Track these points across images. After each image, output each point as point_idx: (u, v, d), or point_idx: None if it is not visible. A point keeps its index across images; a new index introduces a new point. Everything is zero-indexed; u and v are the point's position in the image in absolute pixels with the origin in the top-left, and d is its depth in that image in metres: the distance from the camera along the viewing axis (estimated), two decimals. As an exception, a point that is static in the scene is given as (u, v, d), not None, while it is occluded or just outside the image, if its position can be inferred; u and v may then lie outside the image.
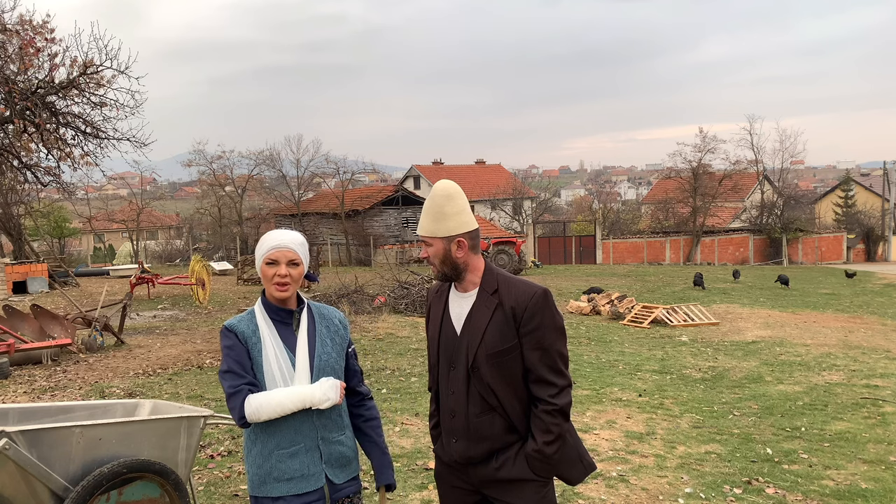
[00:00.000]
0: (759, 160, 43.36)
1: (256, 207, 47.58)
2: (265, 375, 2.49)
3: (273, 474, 2.49)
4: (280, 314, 2.58)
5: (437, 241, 2.54)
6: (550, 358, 2.47)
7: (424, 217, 2.58)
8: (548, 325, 2.48)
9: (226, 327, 2.55)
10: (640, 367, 9.42)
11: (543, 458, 2.44)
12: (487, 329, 2.48)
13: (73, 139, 17.17)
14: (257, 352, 2.51)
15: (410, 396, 7.57)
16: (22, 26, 16.15)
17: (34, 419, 3.79)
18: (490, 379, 2.47)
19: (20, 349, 9.38)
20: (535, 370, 2.46)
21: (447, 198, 2.55)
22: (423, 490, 4.86)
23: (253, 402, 2.43)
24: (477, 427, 2.50)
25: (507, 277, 2.57)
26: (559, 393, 2.46)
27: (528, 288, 2.51)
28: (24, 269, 21.57)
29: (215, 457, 5.65)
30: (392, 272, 19.17)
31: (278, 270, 2.52)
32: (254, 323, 2.55)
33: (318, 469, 2.53)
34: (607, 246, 40.53)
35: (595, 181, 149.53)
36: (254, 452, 2.53)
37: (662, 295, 19.06)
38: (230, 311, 16.39)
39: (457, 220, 2.53)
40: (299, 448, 2.51)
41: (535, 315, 2.46)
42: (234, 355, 2.49)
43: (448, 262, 2.54)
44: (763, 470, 5.32)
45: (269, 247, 2.55)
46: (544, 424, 2.44)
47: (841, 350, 10.58)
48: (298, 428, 2.51)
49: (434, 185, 2.60)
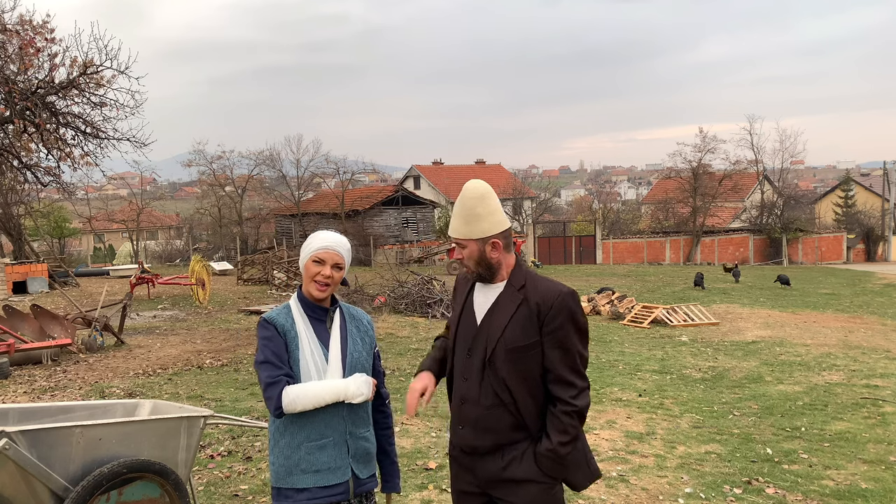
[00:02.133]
0: (759, 160, 43.37)
1: (256, 207, 47.58)
2: (300, 369, 2.55)
3: (301, 465, 2.54)
4: (316, 311, 2.65)
5: (470, 244, 2.52)
6: (571, 358, 2.46)
7: (456, 219, 2.55)
8: (572, 325, 2.47)
9: (265, 319, 2.60)
10: (640, 367, 9.41)
11: (556, 459, 2.43)
12: (509, 324, 2.47)
13: (73, 139, 17.16)
14: (294, 345, 2.57)
15: (410, 396, 7.56)
16: (22, 26, 16.14)
17: (34, 419, 3.79)
18: (505, 373, 2.45)
19: (20, 349, 9.38)
20: (556, 370, 2.45)
21: (479, 199, 2.52)
22: (423, 490, 4.87)
23: (291, 393, 2.48)
24: (486, 419, 2.48)
25: (535, 275, 2.57)
26: (579, 394, 2.45)
27: (554, 287, 2.51)
28: (24, 270, 21.57)
29: (215, 457, 5.65)
30: (392, 272, 19.17)
31: (323, 270, 2.58)
32: (291, 317, 2.61)
33: (345, 462, 2.59)
34: (607, 246, 40.52)
35: (595, 181, 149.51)
36: (282, 444, 2.57)
37: (662, 295, 19.06)
38: (230, 311, 16.39)
39: (490, 221, 2.51)
40: (328, 441, 2.56)
41: (559, 314, 2.45)
42: (273, 347, 2.54)
43: (483, 263, 2.53)
44: (763, 470, 5.32)
45: (318, 246, 2.61)
46: (562, 425, 2.43)
47: (841, 350, 10.58)
48: (328, 421, 2.56)
49: (465, 186, 2.57)
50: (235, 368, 9.39)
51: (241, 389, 8.08)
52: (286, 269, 22.24)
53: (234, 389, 8.09)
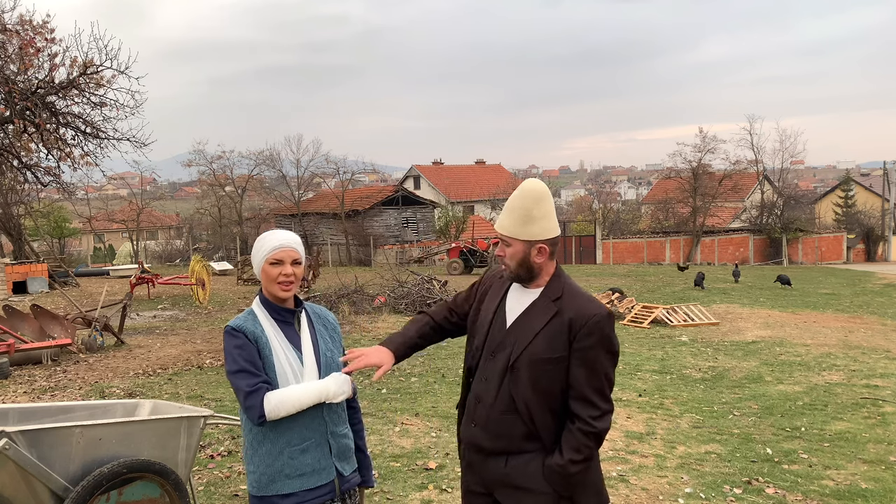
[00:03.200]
0: (759, 160, 43.33)
1: (256, 207, 47.56)
2: (277, 374, 2.51)
3: (285, 471, 2.50)
4: (283, 314, 2.60)
5: (517, 244, 2.45)
6: (598, 379, 2.39)
7: (508, 216, 2.47)
8: (603, 348, 2.40)
9: (232, 327, 2.53)
10: (640, 367, 9.41)
11: (564, 475, 2.36)
12: (539, 334, 2.40)
13: (73, 139, 17.18)
14: (268, 351, 2.52)
15: (410, 396, 7.57)
16: (22, 26, 16.16)
17: (34, 419, 3.79)
18: (525, 382, 2.40)
19: (20, 349, 9.38)
20: (579, 388, 2.38)
21: (537, 200, 2.45)
22: (423, 490, 4.87)
23: (273, 400, 2.44)
24: (498, 424, 2.44)
25: (574, 288, 2.49)
26: (601, 416, 2.38)
27: (592, 305, 2.43)
28: (24, 269, 21.56)
29: (215, 457, 5.65)
30: (392, 272, 19.17)
31: (283, 270, 2.54)
32: (258, 323, 2.56)
33: (329, 463, 2.57)
34: (607, 246, 40.53)
35: (595, 181, 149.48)
36: (261, 451, 2.52)
37: (662, 295, 19.06)
38: (230, 311, 16.39)
39: (541, 226, 2.44)
40: (310, 443, 2.53)
41: (592, 333, 2.38)
42: (246, 355, 2.48)
43: (525, 265, 2.46)
44: (763, 470, 5.32)
45: (272, 247, 2.56)
46: (577, 443, 2.36)
47: (841, 350, 10.58)
48: (308, 424, 2.53)
49: (523, 184, 2.50)
50: (235, 368, 9.38)
51: (241, 389, 8.07)
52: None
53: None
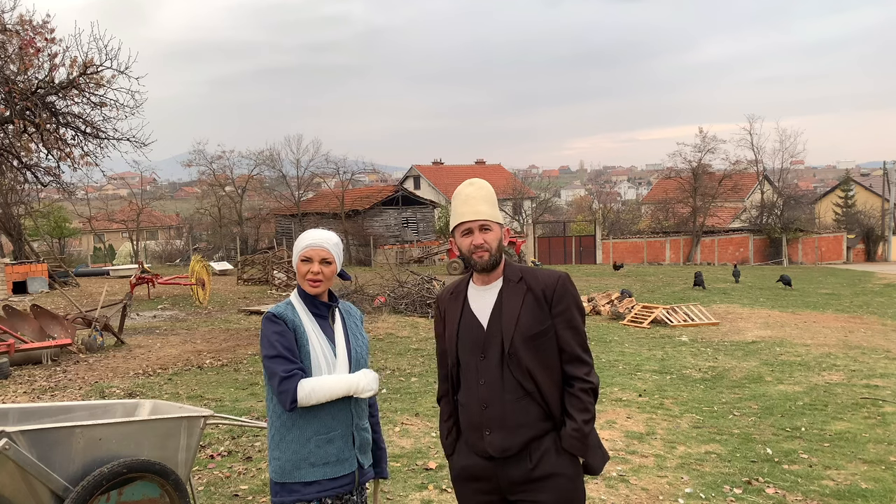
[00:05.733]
0: (759, 160, 43.37)
1: (256, 207, 47.56)
2: (311, 363, 2.61)
3: (310, 459, 2.59)
4: (319, 307, 2.72)
5: (495, 227, 2.55)
6: (580, 336, 2.55)
7: (481, 203, 2.53)
8: (575, 306, 2.56)
9: (273, 314, 2.65)
10: (640, 367, 9.41)
11: (582, 437, 2.46)
12: (521, 313, 2.49)
13: (73, 139, 17.15)
14: (304, 340, 2.63)
15: (410, 396, 7.58)
16: (22, 26, 16.13)
17: (34, 419, 3.79)
18: (529, 362, 2.46)
19: (20, 349, 9.39)
20: (570, 349, 2.51)
21: (490, 189, 2.60)
22: (423, 490, 4.87)
23: (307, 387, 2.55)
24: (513, 413, 2.46)
25: (526, 267, 2.64)
26: (591, 371, 2.54)
27: (551, 273, 2.60)
28: (24, 269, 21.58)
29: (215, 457, 5.65)
30: (392, 272, 19.17)
31: (311, 268, 2.67)
32: (296, 313, 2.68)
33: (351, 454, 2.67)
34: (607, 246, 40.53)
35: (595, 181, 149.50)
36: (289, 438, 2.61)
37: (662, 295, 19.06)
38: (230, 311, 16.40)
39: (498, 211, 2.60)
40: (336, 434, 2.63)
41: (564, 296, 2.52)
42: (285, 342, 2.59)
43: (500, 248, 2.56)
44: (763, 470, 5.32)
45: (304, 245, 2.70)
46: (582, 403, 2.48)
47: (841, 350, 10.58)
48: (336, 415, 2.63)
49: (469, 180, 2.61)
50: (235, 368, 9.39)
51: (241, 389, 8.08)
52: (286, 269, 22.23)
53: (234, 389, 8.09)
